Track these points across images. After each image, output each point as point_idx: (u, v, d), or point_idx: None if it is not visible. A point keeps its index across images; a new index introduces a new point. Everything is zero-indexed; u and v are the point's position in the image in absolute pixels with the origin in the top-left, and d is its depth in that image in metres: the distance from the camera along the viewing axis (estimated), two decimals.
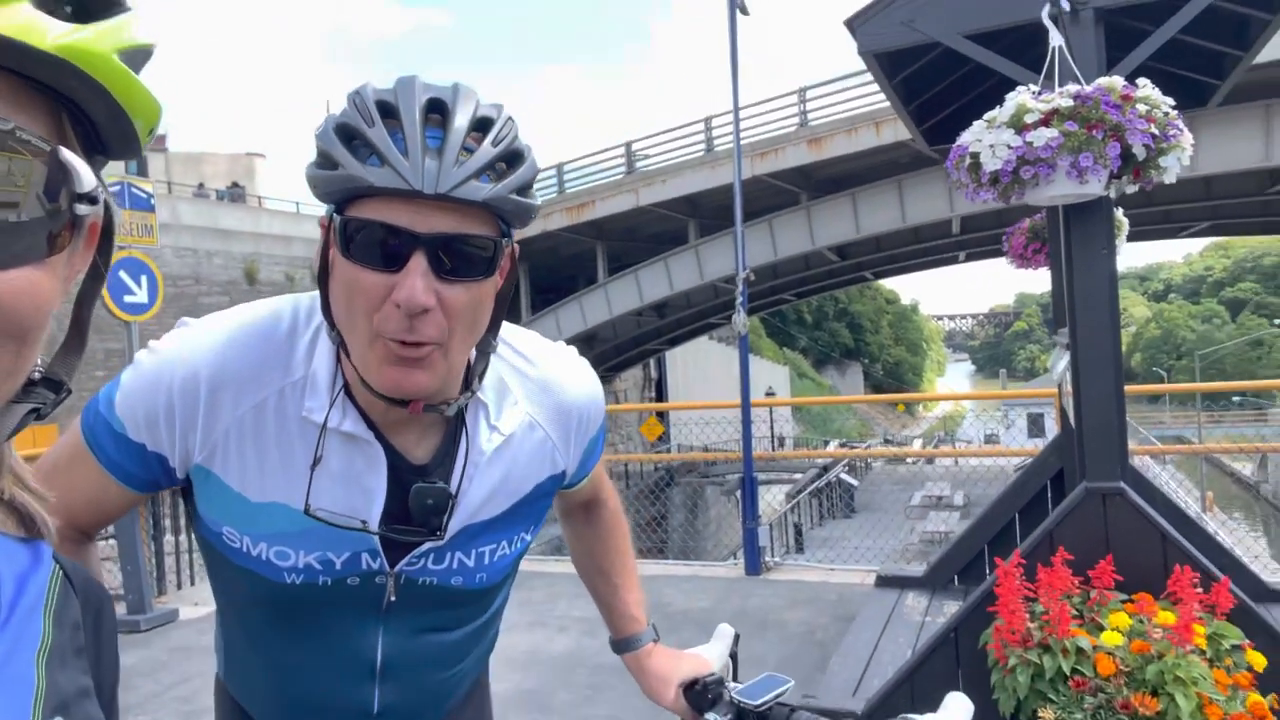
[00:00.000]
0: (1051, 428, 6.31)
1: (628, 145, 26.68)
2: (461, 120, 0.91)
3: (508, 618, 1.40)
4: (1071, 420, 3.85)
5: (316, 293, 1.06)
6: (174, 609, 5.86)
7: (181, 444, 1.03)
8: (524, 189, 0.95)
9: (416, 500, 1.05)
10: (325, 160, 0.93)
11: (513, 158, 0.95)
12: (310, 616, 1.11)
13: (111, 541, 5.72)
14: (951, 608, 4.35)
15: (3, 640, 0.50)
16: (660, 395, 36.89)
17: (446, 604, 1.16)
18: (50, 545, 0.57)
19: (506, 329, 1.13)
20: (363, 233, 0.91)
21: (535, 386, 1.17)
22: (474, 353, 1.06)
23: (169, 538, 6.72)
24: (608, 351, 29.88)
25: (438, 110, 0.92)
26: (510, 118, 0.96)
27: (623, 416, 31.77)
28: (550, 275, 30.32)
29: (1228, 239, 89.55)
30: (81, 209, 0.46)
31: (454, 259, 0.92)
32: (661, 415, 20.55)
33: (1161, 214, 23.68)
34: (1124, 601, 2.86)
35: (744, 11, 6.96)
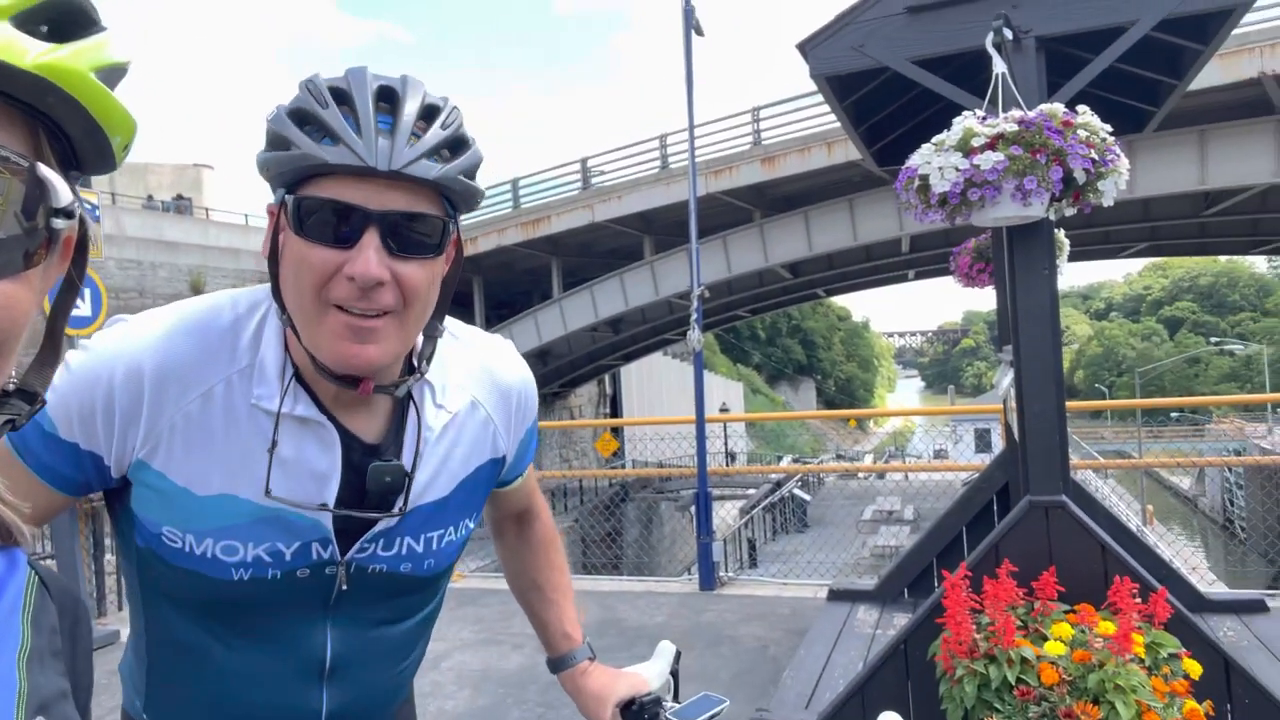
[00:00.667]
0: (998, 443, 6.44)
1: (583, 161, 26.75)
2: (411, 106, 0.95)
3: (460, 635, 1.40)
4: (1016, 435, 3.95)
5: (255, 286, 1.09)
6: (114, 630, 5.70)
7: (120, 441, 1.01)
8: (470, 173, 0.99)
9: (374, 478, 1.06)
10: (278, 142, 0.96)
11: (459, 143, 0.99)
12: (256, 616, 1.09)
13: (51, 561, 5.56)
14: (901, 620, 4.42)
15: None
16: (615, 411, 36.85)
17: (396, 592, 1.16)
18: (25, 552, 0.57)
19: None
20: (317, 211, 0.94)
21: (476, 367, 1.20)
22: (420, 337, 1.08)
23: (109, 557, 6.56)
24: (563, 367, 29.81)
25: (387, 98, 0.96)
26: (456, 107, 1.01)
27: (578, 433, 31.68)
28: (505, 290, 30.20)
29: (1166, 259, 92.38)
30: (58, 223, 0.47)
31: (404, 237, 0.95)
32: (616, 431, 20.56)
33: (1102, 235, 24.39)
34: (1066, 612, 2.93)
35: (699, 33, 7.06)
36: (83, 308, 6.14)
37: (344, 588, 1.11)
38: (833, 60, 3.71)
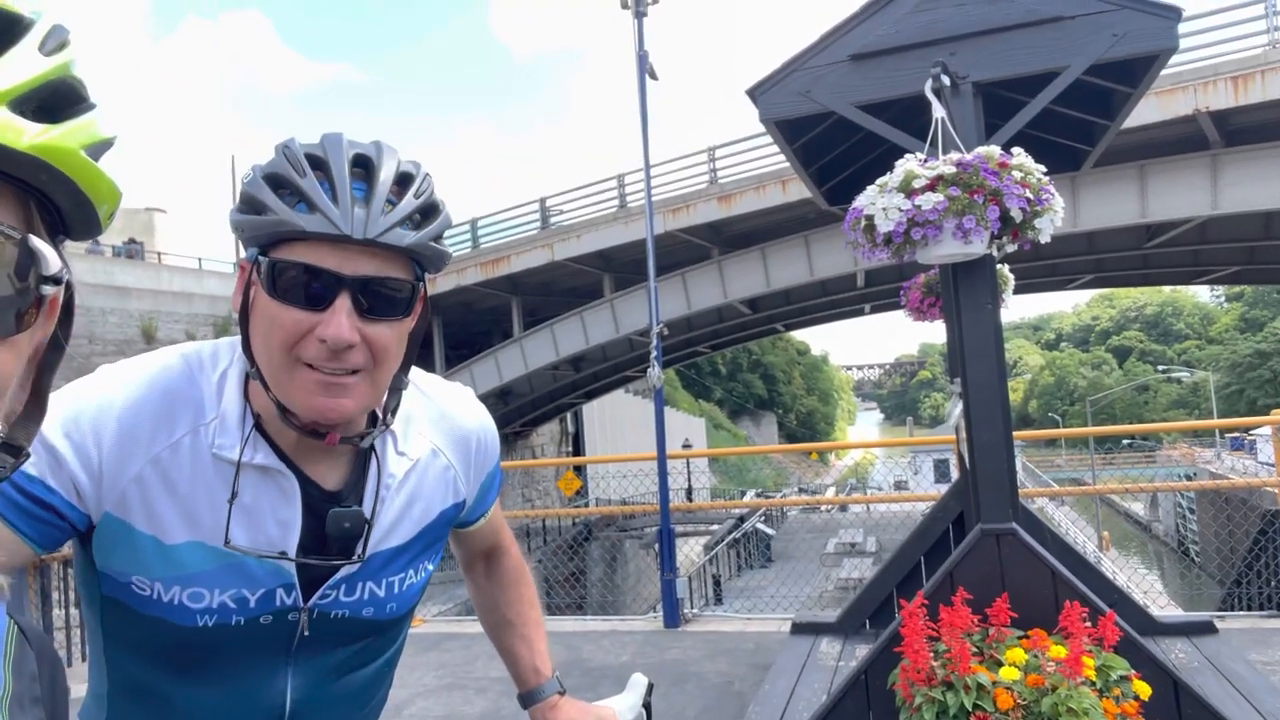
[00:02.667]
0: (955, 473, 6.56)
1: (542, 201, 26.91)
2: (386, 174, 1.00)
3: (424, 680, 1.42)
4: (968, 464, 4.05)
5: (217, 340, 1.12)
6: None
7: (91, 494, 1.02)
8: (439, 237, 1.05)
9: (334, 525, 1.08)
10: (253, 206, 0.99)
11: (430, 210, 1.03)
12: (219, 663, 1.11)
13: None
14: (863, 651, 4.45)
15: None
16: (578, 449, 36.72)
17: (357, 637, 1.18)
18: (2, 602, 0.59)
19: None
20: (289, 273, 0.97)
21: (436, 415, 1.23)
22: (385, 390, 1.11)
23: (58, 611, 6.38)
24: (524, 406, 29.69)
25: (362, 165, 1.00)
26: (428, 174, 1.05)
27: (540, 472, 31.46)
28: (465, 330, 30.10)
29: (1112, 290, 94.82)
30: (46, 289, 0.50)
31: (375, 299, 0.99)
32: (579, 469, 20.45)
33: (1049, 267, 25.04)
34: (1020, 638, 3.00)
35: (653, 77, 7.21)
36: None
37: (306, 633, 1.12)
38: (781, 105, 3.84)
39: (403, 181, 1.02)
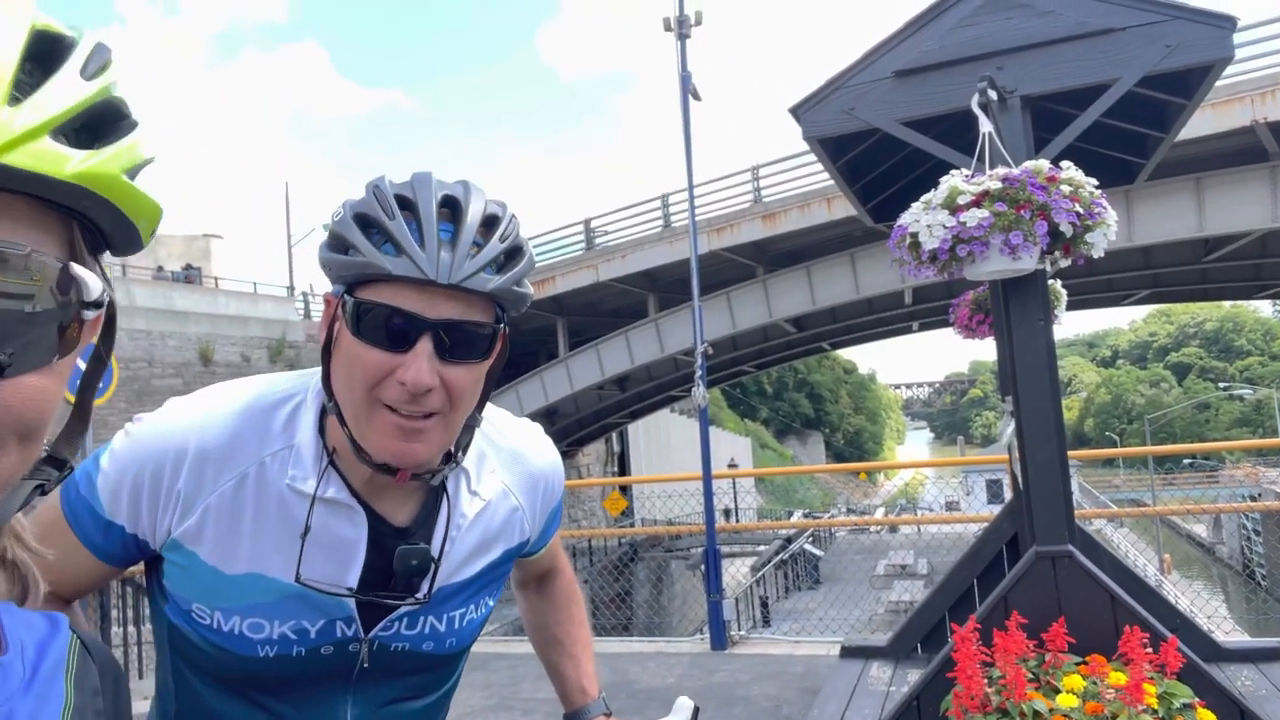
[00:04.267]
0: (1010, 494, 6.43)
1: (587, 222, 27.10)
2: (472, 216, 1.00)
3: (470, 701, 1.42)
4: (1021, 484, 3.96)
5: (293, 372, 1.14)
6: None
7: (161, 519, 1.05)
8: (522, 280, 1.04)
9: (401, 561, 1.09)
10: (341, 244, 1.00)
11: (514, 252, 1.04)
12: (280, 691, 1.12)
13: None
14: (915, 676, 4.36)
15: (28, 701, 0.54)
16: (623, 469, 36.70)
17: (416, 670, 1.19)
18: (65, 616, 0.61)
19: None
20: (373, 314, 0.98)
21: (507, 456, 1.24)
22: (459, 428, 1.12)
23: (117, 629, 6.52)
24: (570, 426, 29.79)
25: (450, 206, 1.00)
26: (513, 215, 1.05)
27: (585, 491, 31.50)
28: (511, 351, 29.55)
29: (1170, 305, 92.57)
30: (88, 314, 0.51)
31: (456, 343, 1.00)
32: (624, 489, 20.44)
33: (1104, 283, 24.52)
34: (1077, 664, 2.91)
35: (696, 98, 7.24)
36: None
37: (365, 665, 1.14)
38: (824, 123, 3.82)
39: (489, 223, 1.02)
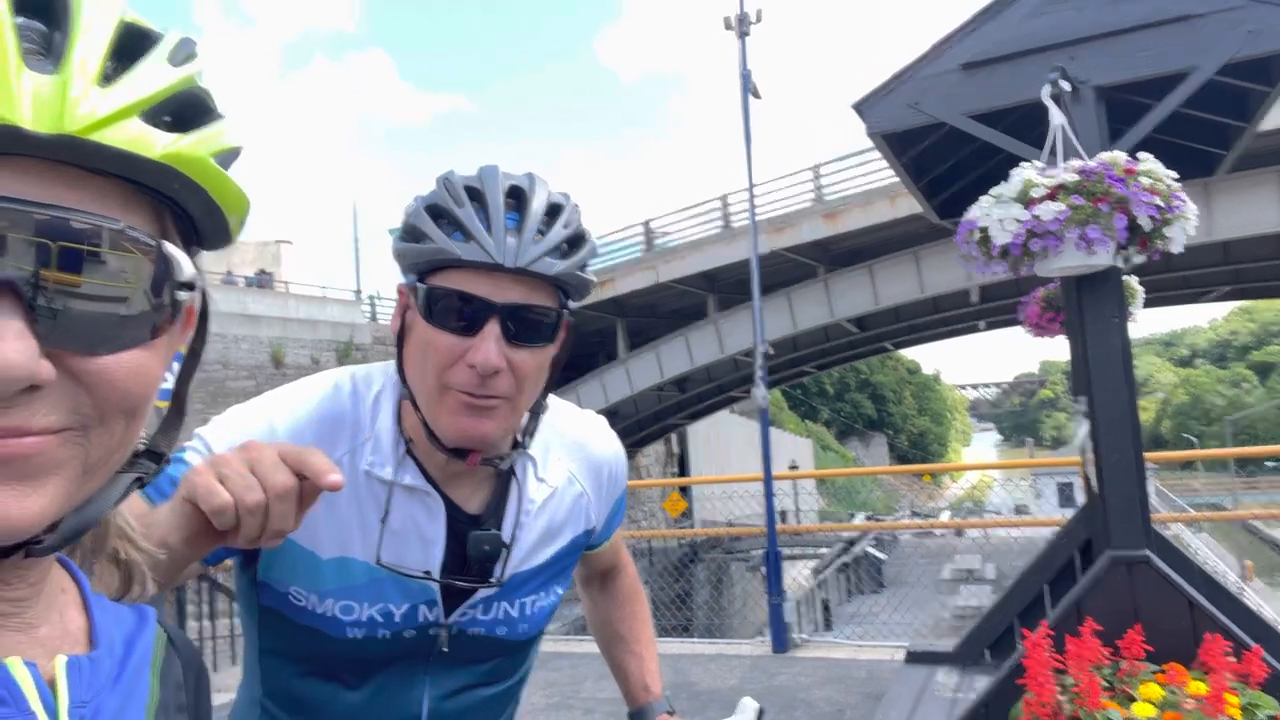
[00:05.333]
0: (1081, 497, 6.25)
1: (646, 224, 27.14)
2: (537, 205, 1.05)
3: (531, 699, 1.44)
4: (1095, 488, 3.84)
5: (367, 364, 1.19)
6: None
7: None
8: (585, 267, 1.09)
9: (474, 547, 1.13)
10: (413, 234, 1.06)
11: (577, 239, 1.08)
12: (364, 673, 1.16)
13: None
14: (983, 683, 4.26)
15: (116, 695, 0.55)
16: (683, 470, 36.66)
17: (490, 656, 1.22)
18: (153, 609, 0.62)
19: None
20: (444, 300, 1.03)
21: (572, 444, 1.28)
22: (525, 414, 1.16)
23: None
24: (629, 427, 29.86)
25: (515, 196, 1.05)
26: (576, 205, 1.10)
27: (645, 492, 31.54)
28: (572, 352, 30.18)
29: (1252, 302, 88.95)
30: (181, 295, 0.52)
31: (522, 326, 1.04)
32: (684, 490, 20.42)
33: (1181, 279, 23.66)
34: (1155, 672, 2.81)
35: (756, 95, 7.20)
36: (168, 380, 6.42)
37: (444, 649, 1.17)
38: (889, 118, 3.76)
39: (553, 212, 1.06)
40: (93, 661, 0.54)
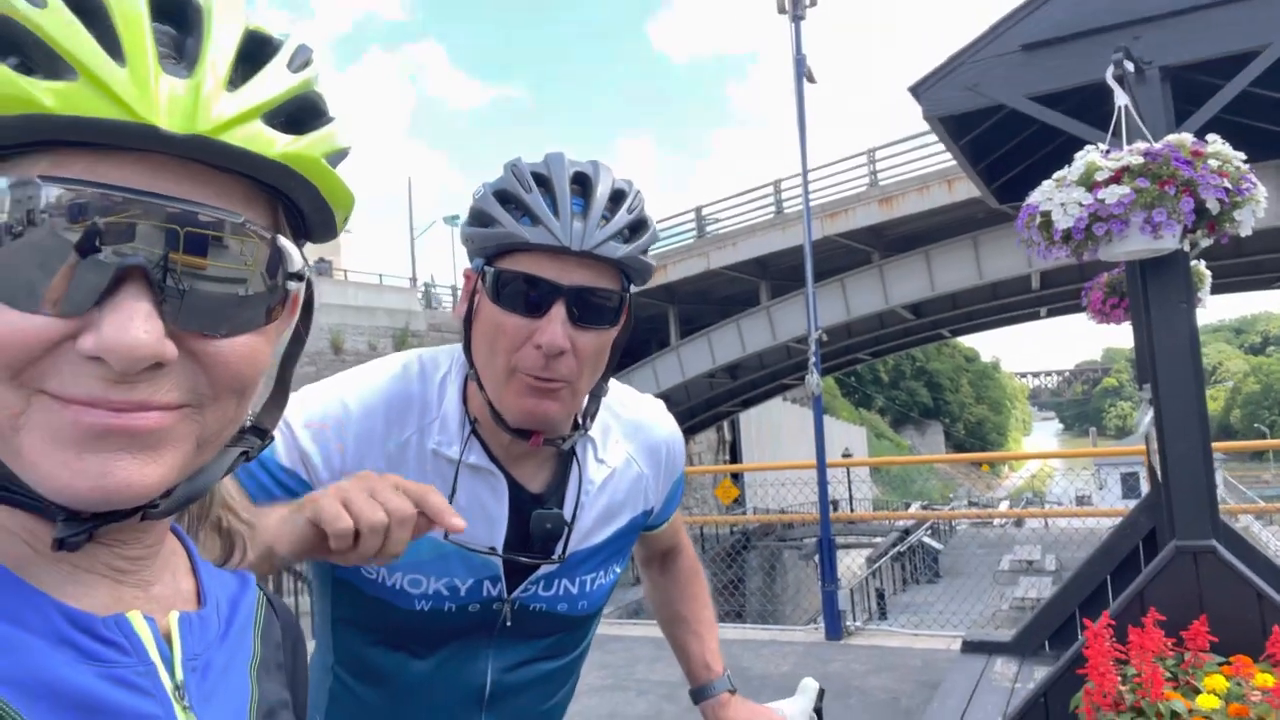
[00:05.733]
0: (1146, 487, 6.12)
1: (698, 210, 27.05)
2: (602, 191, 1.08)
3: (587, 680, 1.48)
4: (1160, 477, 3.76)
5: (436, 347, 1.23)
6: None
7: (336, 476, 1.11)
8: (647, 250, 1.12)
9: (537, 525, 1.17)
10: (481, 219, 1.09)
11: (640, 225, 1.11)
12: (431, 644, 1.21)
13: None
14: (1042, 674, 4.21)
15: (223, 653, 0.60)
16: (735, 457, 36.57)
17: (551, 631, 1.26)
18: (253, 575, 0.67)
19: None
20: (512, 283, 1.07)
21: (631, 426, 1.31)
22: (586, 396, 1.19)
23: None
24: (681, 414, 29.85)
25: (580, 182, 1.09)
26: (639, 191, 1.13)
27: (697, 479, 31.52)
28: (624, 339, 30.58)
29: None
30: (292, 285, 0.56)
31: (587, 309, 1.07)
32: (736, 478, 20.38)
33: (1252, 264, 22.81)
34: (1220, 664, 2.76)
35: (811, 80, 7.13)
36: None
37: (508, 623, 1.22)
38: (946, 101, 3.71)
39: (616, 198, 1.09)
40: (202, 619, 0.59)
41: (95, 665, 0.51)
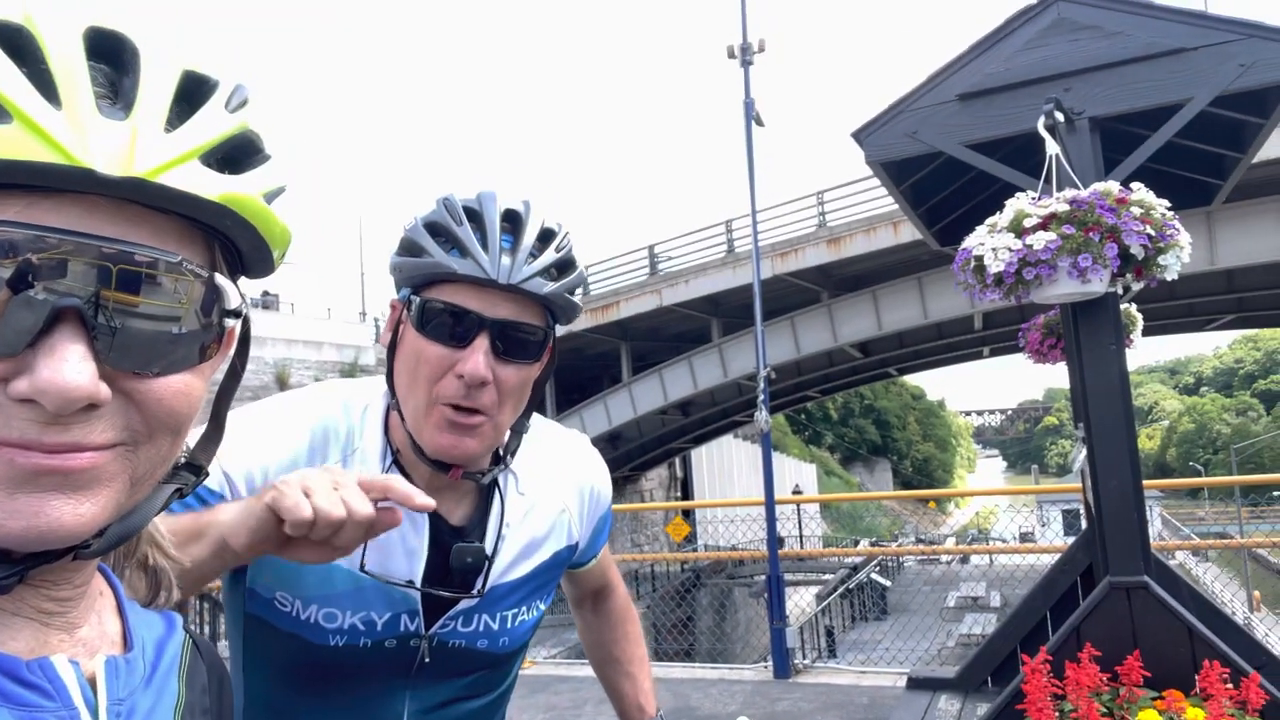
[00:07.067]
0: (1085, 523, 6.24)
1: (650, 248, 27.26)
2: (531, 229, 1.10)
3: None
4: (1094, 514, 3.85)
5: (360, 379, 1.24)
6: None
7: None
8: (573, 290, 1.14)
9: (457, 558, 1.16)
10: (411, 250, 1.11)
11: (567, 264, 1.13)
12: (345, 682, 1.18)
13: None
14: (984, 710, 4.25)
15: (147, 697, 0.58)
16: (686, 494, 36.53)
17: (472, 669, 1.24)
18: (180, 615, 0.66)
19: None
20: (438, 313, 1.08)
21: (554, 462, 1.31)
22: (508, 431, 1.19)
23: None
24: (633, 450, 29.80)
25: (511, 220, 1.11)
26: (568, 232, 1.15)
27: (648, 516, 31.39)
28: (575, 375, 30.58)
29: (1257, 331, 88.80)
30: (228, 322, 0.57)
31: (511, 342, 1.08)
32: (687, 514, 20.35)
33: (1185, 307, 23.66)
34: (1153, 698, 2.82)
35: (760, 124, 7.28)
36: None
37: (426, 660, 1.19)
38: (887, 147, 3.81)
39: (545, 237, 1.11)
40: (129, 662, 0.58)
41: (17, 710, 0.50)
